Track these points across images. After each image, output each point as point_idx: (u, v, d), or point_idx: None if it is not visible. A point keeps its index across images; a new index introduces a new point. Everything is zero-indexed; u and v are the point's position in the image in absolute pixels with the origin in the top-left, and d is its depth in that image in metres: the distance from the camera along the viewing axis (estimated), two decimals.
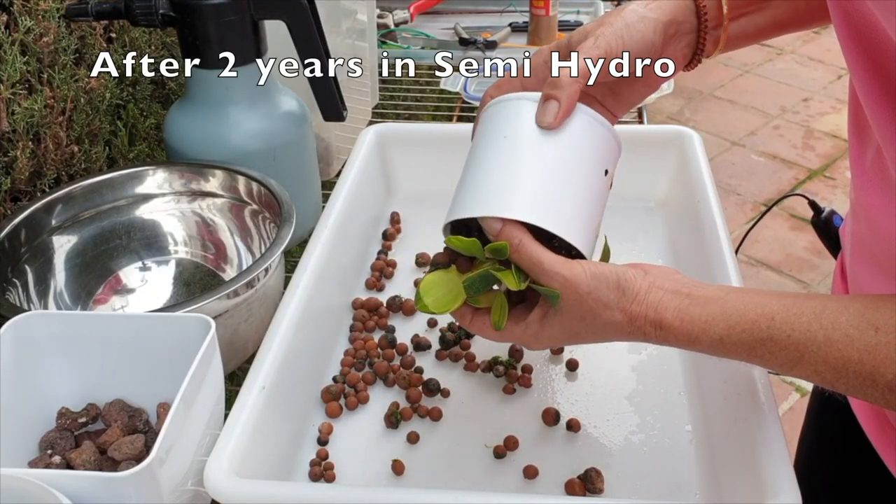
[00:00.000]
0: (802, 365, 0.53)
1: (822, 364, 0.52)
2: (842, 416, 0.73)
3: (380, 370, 0.76)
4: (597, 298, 0.58)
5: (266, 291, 0.75)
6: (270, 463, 0.64)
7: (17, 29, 0.82)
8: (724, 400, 0.66)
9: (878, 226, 0.57)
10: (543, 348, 0.64)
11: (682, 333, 0.57)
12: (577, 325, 0.59)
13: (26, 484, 0.51)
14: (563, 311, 0.59)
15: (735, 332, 0.55)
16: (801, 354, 0.52)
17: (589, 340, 0.61)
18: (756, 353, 0.54)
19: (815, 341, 0.52)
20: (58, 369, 0.65)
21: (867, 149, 0.57)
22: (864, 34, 0.50)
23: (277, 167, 0.88)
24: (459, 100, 1.31)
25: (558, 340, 0.62)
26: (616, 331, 0.59)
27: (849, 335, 0.51)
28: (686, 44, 0.65)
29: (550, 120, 0.60)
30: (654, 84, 0.67)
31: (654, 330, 0.57)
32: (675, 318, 0.57)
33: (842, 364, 0.51)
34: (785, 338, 0.53)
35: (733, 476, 0.62)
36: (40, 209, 0.81)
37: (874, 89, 0.51)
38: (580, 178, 0.61)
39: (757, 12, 0.67)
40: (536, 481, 0.66)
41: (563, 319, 0.59)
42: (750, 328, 0.54)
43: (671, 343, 0.58)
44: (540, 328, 0.61)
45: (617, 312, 0.58)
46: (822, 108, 3.35)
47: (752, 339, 0.54)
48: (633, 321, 0.58)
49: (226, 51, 0.85)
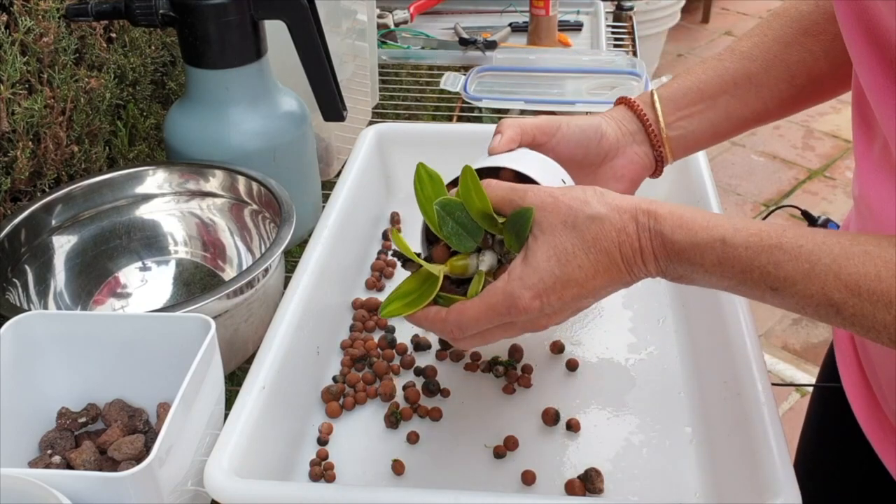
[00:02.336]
0: (811, 279, 0.49)
1: (834, 279, 0.48)
2: (842, 417, 0.73)
3: (379, 370, 0.76)
4: (573, 196, 0.55)
5: (266, 291, 0.75)
6: (270, 463, 0.64)
7: (17, 29, 0.82)
8: (724, 400, 0.66)
9: (883, 219, 0.57)
10: (535, 299, 0.55)
11: (679, 226, 0.53)
12: (562, 238, 0.54)
13: (26, 484, 0.51)
14: (541, 226, 0.55)
15: (741, 234, 0.51)
16: (812, 266, 0.49)
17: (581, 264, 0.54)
18: (760, 261, 0.50)
19: (830, 253, 0.48)
20: (58, 369, 0.65)
21: (874, 142, 0.57)
22: (874, 31, 0.50)
23: (277, 167, 0.88)
24: (459, 100, 1.31)
25: (546, 274, 0.54)
26: (604, 233, 0.54)
27: (868, 251, 0.48)
28: (643, 143, 0.71)
29: (495, 144, 0.66)
30: (623, 179, 0.71)
31: (648, 220, 0.53)
32: (672, 210, 0.54)
33: (855, 281, 0.47)
34: (796, 247, 0.49)
35: (733, 476, 0.62)
36: (40, 209, 0.81)
37: (882, 82, 0.51)
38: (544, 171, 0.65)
39: (707, 112, 0.70)
40: (536, 481, 0.66)
41: (546, 238, 0.55)
42: (758, 233, 0.51)
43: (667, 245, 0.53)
44: (524, 266, 0.55)
45: (600, 205, 0.54)
46: (822, 108, 3.35)
47: (759, 245, 0.50)
48: (621, 213, 0.54)
49: (226, 51, 0.85)
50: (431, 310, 0.59)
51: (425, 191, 0.60)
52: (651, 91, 0.71)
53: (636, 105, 0.71)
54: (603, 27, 1.54)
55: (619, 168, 0.70)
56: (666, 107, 0.70)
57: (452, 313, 0.57)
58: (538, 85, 1.30)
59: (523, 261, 0.56)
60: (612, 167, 0.70)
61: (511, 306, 0.55)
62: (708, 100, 0.70)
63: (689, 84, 0.70)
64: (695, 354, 0.76)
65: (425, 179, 0.60)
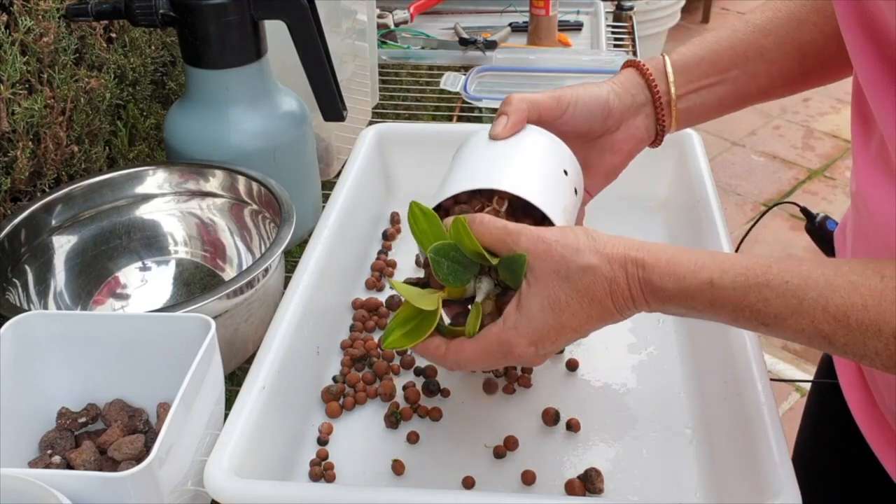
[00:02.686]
0: (800, 314, 0.50)
1: (822, 312, 0.49)
2: (838, 416, 0.73)
3: (379, 370, 0.76)
4: (565, 244, 0.55)
5: (266, 291, 0.75)
6: (270, 463, 0.64)
7: (17, 29, 0.82)
8: (724, 400, 0.66)
9: (880, 217, 0.57)
10: (530, 346, 0.57)
11: (667, 274, 0.53)
12: (555, 288, 0.55)
13: (26, 484, 0.51)
14: (535, 275, 0.56)
15: (728, 276, 0.52)
16: (800, 301, 0.49)
17: (574, 312, 0.55)
18: (749, 300, 0.51)
19: (815, 286, 0.49)
20: (58, 369, 0.65)
21: (871, 140, 0.58)
22: (875, 30, 0.50)
23: (277, 167, 0.88)
24: (459, 100, 1.31)
25: (541, 323, 0.56)
26: (596, 284, 0.54)
27: (853, 281, 0.48)
28: (646, 116, 0.69)
29: (499, 131, 0.65)
30: (620, 153, 0.71)
31: (636, 270, 0.54)
32: (660, 257, 0.54)
33: (843, 312, 0.48)
34: (782, 283, 0.50)
35: (733, 476, 0.62)
36: (40, 209, 0.81)
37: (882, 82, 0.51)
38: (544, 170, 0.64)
39: (716, 85, 0.69)
40: (536, 481, 0.66)
41: (539, 287, 0.56)
42: (744, 273, 0.51)
43: (656, 291, 0.54)
44: (518, 314, 0.56)
45: (591, 255, 0.55)
46: (822, 108, 3.36)
47: (745, 284, 0.51)
48: (611, 262, 0.55)
49: (226, 51, 0.85)
50: (431, 343, 0.60)
51: (420, 226, 0.61)
52: (663, 58, 0.69)
53: (648, 74, 0.69)
54: (603, 27, 1.54)
55: (619, 142, 0.70)
56: (679, 78, 0.69)
57: (451, 352, 0.59)
58: (538, 85, 1.30)
59: (517, 308, 0.57)
60: (611, 140, 0.70)
61: (507, 352, 0.57)
62: (720, 73, 0.69)
63: (703, 54, 0.69)
64: (695, 354, 0.76)
65: (419, 216, 0.60)
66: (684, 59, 0.69)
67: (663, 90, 0.69)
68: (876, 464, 0.67)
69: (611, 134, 0.70)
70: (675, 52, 0.70)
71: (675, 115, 0.70)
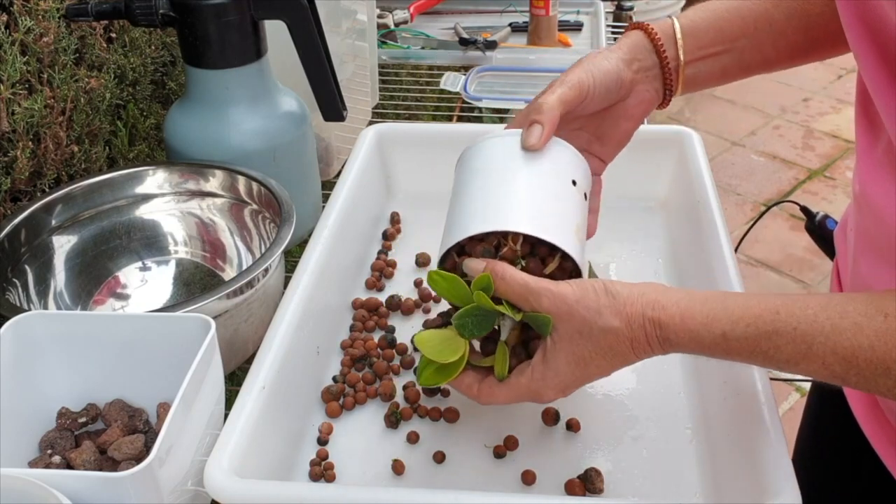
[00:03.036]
0: (810, 358, 0.51)
1: (831, 355, 0.50)
2: (838, 415, 0.73)
3: (379, 370, 0.76)
4: (587, 306, 0.58)
5: (266, 291, 0.75)
6: (270, 463, 0.64)
7: (17, 29, 0.82)
8: (724, 400, 0.66)
9: (886, 218, 0.57)
10: (558, 394, 0.61)
11: (683, 331, 0.56)
12: (579, 347, 0.58)
13: (26, 484, 0.51)
14: (559, 334, 0.59)
15: (739, 327, 0.54)
16: (809, 346, 0.51)
17: (599, 364, 0.59)
18: (761, 348, 0.53)
19: (822, 331, 0.51)
20: (58, 369, 0.65)
21: (878, 140, 0.57)
22: (878, 31, 0.50)
23: (277, 167, 0.88)
24: (459, 100, 1.31)
25: (568, 376, 0.60)
26: (618, 343, 0.58)
27: (857, 323, 0.50)
28: (654, 79, 0.69)
29: (534, 141, 0.64)
30: (632, 118, 0.70)
31: (654, 329, 0.57)
32: (675, 314, 0.56)
33: (851, 353, 0.50)
34: (791, 330, 0.52)
35: (733, 476, 0.62)
36: (40, 209, 0.81)
37: (885, 81, 0.51)
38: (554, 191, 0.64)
39: (723, 54, 0.69)
40: (536, 481, 0.66)
41: (564, 344, 0.59)
42: (754, 322, 0.53)
43: (673, 345, 0.57)
44: (545, 367, 0.60)
45: (612, 317, 0.57)
46: (822, 108, 3.36)
47: (756, 334, 0.53)
48: (631, 323, 0.57)
49: (226, 51, 0.85)
50: (464, 381, 0.64)
51: (441, 287, 0.63)
52: (672, 22, 0.69)
53: (657, 38, 0.68)
54: (603, 27, 1.54)
55: (630, 108, 0.70)
56: (688, 44, 0.68)
57: (483, 394, 0.63)
58: (538, 85, 1.30)
59: (544, 362, 0.60)
60: (622, 107, 0.70)
61: (535, 398, 0.62)
62: (727, 41, 0.68)
63: (712, 20, 0.68)
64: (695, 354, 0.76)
65: (439, 281, 0.63)
66: (694, 25, 0.68)
67: (671, 56, 0.68)
68: (876, 463, 0.67)
69: (622, 101, 0.69)
70: (684, 15, 0.69)
71: (682, 78, 0.69)
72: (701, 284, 0.78)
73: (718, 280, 0.74)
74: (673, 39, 0.68)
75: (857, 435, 0.69)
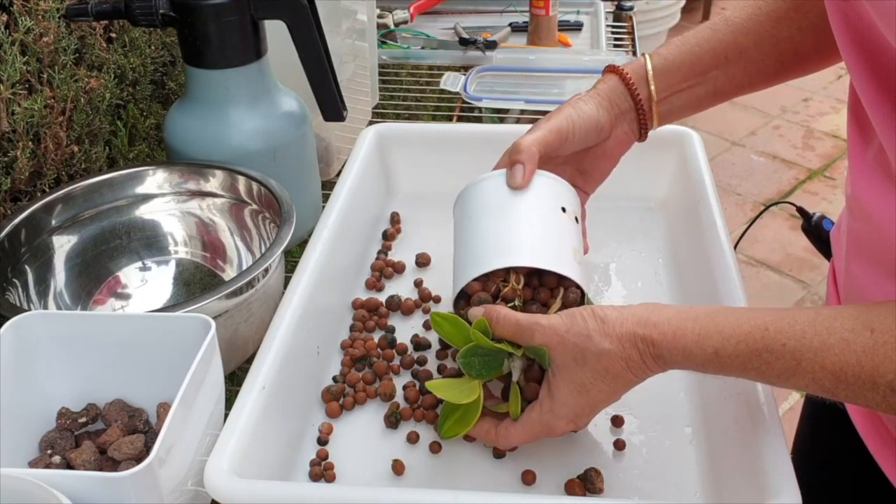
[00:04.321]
0: (800, 374, 0.52)
1: (820, 371, 0.51)
2: (835, 417, 0.73)
3: (379, 370, 0.76)
4: (577, 333, 0.59)
5: (266, 291, 0.75)
6: (270, 463, 0.64)
7: (17, 29, 0.82)
8: (724, 400, 0.66)
9: (876, 222, 0.57)
10: (569, 424, 0.63)
11: (676, 348, 0.57)
12: (577, 374, 0.60)
13: (26, 484, 0.51)
14: (557, 364, 0.61)
15: (730, 343, 0.55)
16: (798, 362, 0.52)
17: (601, 389, 0.60)
18: (752, 364, 0.54)
19: (811, 348, 0.52)
20: (58, 369, 0.65)
21: (869, 145, 0.58)
22: (863, 36, 0.51)
23: (277, 167, 0.88)
24: (459, 100, 1.31)
25: (573, 405, 0.61)
26: (613, 365, 0.59)
27: (845, 339, 0.51)
28: (632, 120, 0.73)
29: (519, 180, 0.69)
30: (611, 157, 0.75)
31: (647, 347, 0.57)
32: (667, 331, 0.57)
33: (840, 368, 0.51)
34: (780, 347, 0.53)
35: (733, 476, 0.62)
36: (40, 209, 0.81)
37: (874, 89, 0.51)
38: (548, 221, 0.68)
39: (697, 86, 0.72)
40: (536, 481, 0.66)
41: (563, 374, 0.61)
42: (745, 339, 0.54)
43: (668, 362, 0.58)
44: (552, 400, 0.62)
45: (602, 340, 0.58)
46: (822, 108, 3.36)
47: (747, 351, 0.54)
48: (623, 343, 0.58)
49: (226, 51, 0.85)
50: (482, 428, 0.66)
51: (444, 330, 0.66)
52: (645, 62, 0.72)
53: (630, 81, 0.72)
54: (603, 27, 1.54)
55: (609, 149, 0.74)
56: (660, 83, 0.71)
57: (501, 437, 0.65)
58: (538, 85, 1.30)
59: (549, 395, 0.62)
60: (602, 148, 0.74)
61: (549, 432, 0.64)
62: (699, 74, 0.71)
63: (683, 57, 0.71)
64: None
65: (442, 323, 0.66)
66: (666, 63, 0.72)
67: (645, 96, 0.72)
68: (871, 463, 0.67)
69: (603, 143, 0.74)
70: (657, 53, 0.72)
71: (656, 115, 0.73)
72: (701, 284, 0.78)
73: (718, 280, 0.74)
74: (645, 80, 0.72)
75: (854, 437, 0.69)
